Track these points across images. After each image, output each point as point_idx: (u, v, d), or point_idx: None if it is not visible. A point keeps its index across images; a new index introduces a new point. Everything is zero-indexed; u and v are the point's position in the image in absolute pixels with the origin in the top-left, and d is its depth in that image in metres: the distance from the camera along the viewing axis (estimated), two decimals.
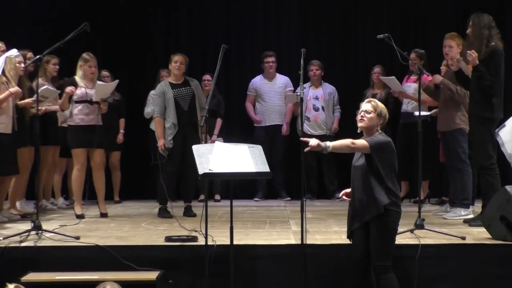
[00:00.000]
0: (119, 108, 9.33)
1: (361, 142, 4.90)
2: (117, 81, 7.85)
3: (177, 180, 7.95)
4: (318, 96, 9.84)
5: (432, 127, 8.28)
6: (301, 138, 5.01)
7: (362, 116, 5.00)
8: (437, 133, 7.99)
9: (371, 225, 4.91)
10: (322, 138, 9.66)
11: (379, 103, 5.04)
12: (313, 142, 4.87)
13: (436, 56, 8.35)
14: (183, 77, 7.92)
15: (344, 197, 5.15)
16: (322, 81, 9.93)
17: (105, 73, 9.12)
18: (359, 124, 5.03)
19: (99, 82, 7.86)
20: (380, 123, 5.00)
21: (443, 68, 8.06)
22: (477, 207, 7.49)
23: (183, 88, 7.83)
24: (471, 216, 7.22)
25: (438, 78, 7.45)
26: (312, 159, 9.72)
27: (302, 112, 5.76)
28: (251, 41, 10.50)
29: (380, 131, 5.04)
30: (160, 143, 7.70)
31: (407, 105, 8.95)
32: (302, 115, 5.81)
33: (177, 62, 7.87)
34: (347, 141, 4.90)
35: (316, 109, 9.82)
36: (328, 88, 9.91)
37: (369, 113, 4.98)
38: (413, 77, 8.83)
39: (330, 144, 4.87)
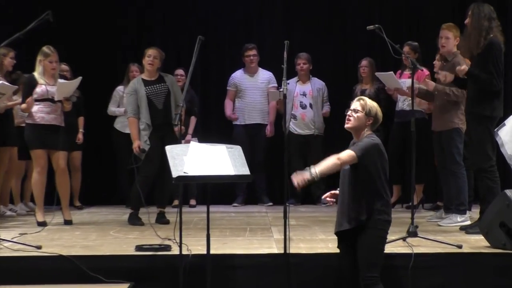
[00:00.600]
0: (79, 105, 9.27)
1: (347, 154, 4.88)
2: (80, 78, 7.77)
3: (152, 185, 7.92)
4: (306, 92, 9.85)
5: (429, 127, 8.30)
6: (292, 176, 4.90)
7: (349, 116, 5.00)
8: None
9: (358, 233, 4.91)
10: (310, 138, 9.86)
11: (369, 101, 5.03)
12: (297, 181, 4.82)
13: (431, 49, 8.38)
14: (157, 73, 7.89)
15: (328, 198, 5.14)
16: (311, 76, 9.95)
17: (64, 66, 9.04)
18: (346, 125, 5.02)
19: (60, 81, 7.78)
20: (369, 123, 4.98)
21: (436, 63, 8.08)
22: (475, 212, 7.53)
23: (157, 85, 7.81)
24: (468, 222, 7.26)
25: (430, 85, 7.47)
26: (297, 160, 9.73)
27: (285, 110, 5.74)
28: (230, 32, 10.50)
29: (371, 132, 5.03)
30: (135, 144, 7.68)
31: (403, 103, 8.95)
32: (286, 113, 5.80)
33: (150, 56, 7.84)
34: (332, 160, 4.88)
35: (303, 107, 9.83)
36: (317, 84, 9.92)
37: (357, 112, 4.97)
38: (407, 72, 8.84)
39: (316, 170, 4.84)
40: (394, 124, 9.08)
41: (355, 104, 5.02)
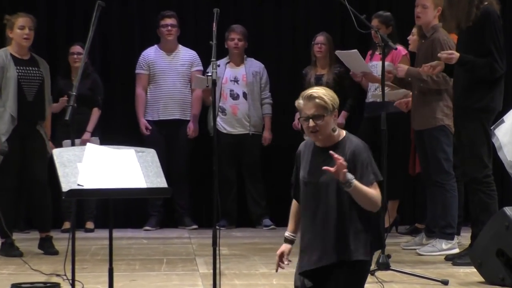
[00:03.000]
0: None
1: (376, 187, 4.85)
2: None
3: (27, 201, 7.82)
4: (238, 77, 9.85)
5: (407, 124, 8.38)
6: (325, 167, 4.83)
7: (313, 127, 4.90)
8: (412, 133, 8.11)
9: (336, 271, 4.87)
10: (243, 138, 9.86)
11: (325, 94, 4.97)
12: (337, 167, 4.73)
13: (410, 22, 8.44)
14: (29, 53, 7.81)
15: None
16: (246, 56, 9.96)
17: None
18: (317, 142, 4.95)
19: None
20: (335, 119, 4.97)
21: (411, 39, 8.15)
22: (465, 237, 7.62)
23: (31, 69, 7.73)
24: (456, 250, 7.35)
25: (401, 70, 7.52)
26: (230, 169, 9.72)
27: (215, 100, 5.72)
28: None
29: (343, 130, 5.00)
30: None
31: (374, 92, 8.94)
32: (216, 105, 5.76)
33: (23, 28, 7.73)
34: (373, 192, 4.81)
35: (234, 97, 9.81)
36: (253, 66, 9.93)
37: (320, 118, 4.90)
38: (379, 53, 8.87)
39: (353, 179, 4.74)
40: (363, 120, 9.07)
41: (309, 108, 4.89)
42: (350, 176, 4.71)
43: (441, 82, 7.46)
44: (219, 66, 5.79)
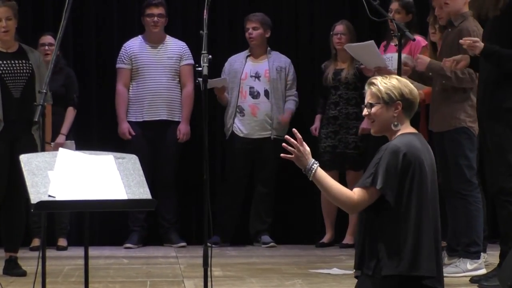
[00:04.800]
0: None
1: (365, 192, 4.85)
2: None
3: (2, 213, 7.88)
4: (260, 72, 9.84)
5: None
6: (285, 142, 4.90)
7: (367, 116, 5.03)
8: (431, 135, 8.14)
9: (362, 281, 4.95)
10: (263, 143, 9.85)
11: (383, 82, 5.01)
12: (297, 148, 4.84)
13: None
14: (16, 44, 7.85)
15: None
16: (269, 49, 9.98)
17: None
18: (371, 132, 5.12)
19: None
20: (397, 112, 4.98)
21: (432, 30, 8.18)
22: (492, 255, 7.65)
23: (17, 62, 7.74)
24: (483, 271, 7.36)
25: (422, 63, 7.52)
26: (241, 179, 9.68)
27: (207, 101, 5.73)
28: None
29: (407, 129, 4.99)
30: None
31: None
32: (207, 106, 5.74)
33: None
34: (342, 190, 4.87)
35: (254, 95, 9.79)
36: (277, 61, 9.92)
37: (373, 106, 5.01)
38: (394, 44, 8.88)
39: (316, 165, 4.85)
40: None
41: (367, 94, 5.05)
42: (310, 165, 4.84)
43: (466, 80, 7.45)
44: (210, 58, 5.76)
